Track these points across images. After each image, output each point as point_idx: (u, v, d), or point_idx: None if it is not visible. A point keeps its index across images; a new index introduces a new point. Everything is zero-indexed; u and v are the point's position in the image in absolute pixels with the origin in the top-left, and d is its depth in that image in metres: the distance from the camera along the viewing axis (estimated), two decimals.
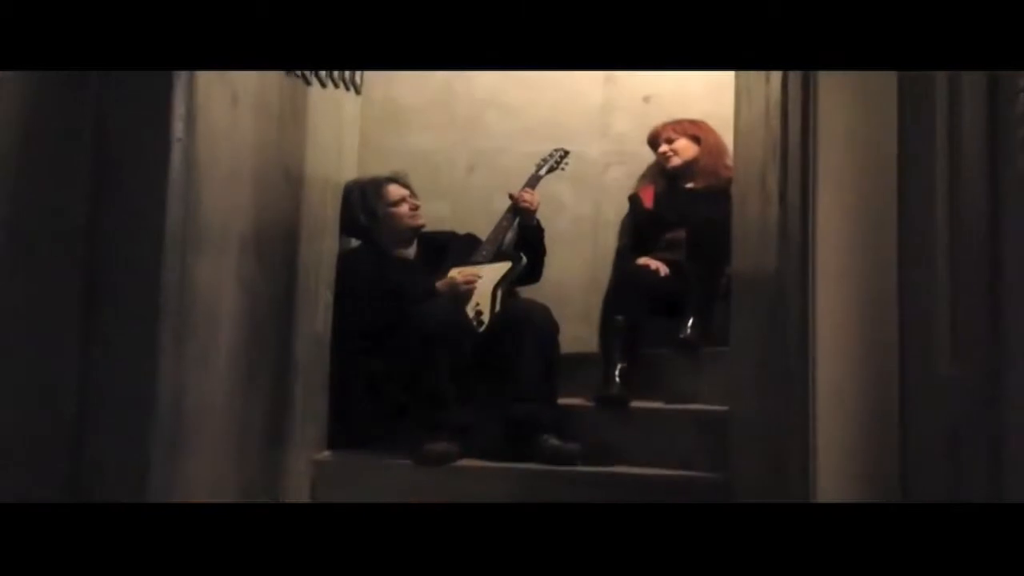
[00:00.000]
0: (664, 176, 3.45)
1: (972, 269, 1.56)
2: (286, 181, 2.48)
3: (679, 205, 3.31)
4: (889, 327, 1.74)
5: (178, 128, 1.75)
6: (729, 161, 3.31)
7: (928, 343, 1.63)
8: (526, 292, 3.29)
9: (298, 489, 2.70)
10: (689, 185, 3.41)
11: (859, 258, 1.77)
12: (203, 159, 1.85)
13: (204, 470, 1.95)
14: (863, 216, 1.78)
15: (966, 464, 1.55)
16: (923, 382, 1.66)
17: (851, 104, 1.80)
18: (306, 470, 2.77)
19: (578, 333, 3.40)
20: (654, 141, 3.45)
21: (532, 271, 3.26)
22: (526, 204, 3.23)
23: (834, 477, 1.75)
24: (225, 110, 1.98)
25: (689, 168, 3.39)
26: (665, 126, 3.43)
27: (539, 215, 3.27)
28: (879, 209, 1.77)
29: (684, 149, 3.39)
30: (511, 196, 3.25)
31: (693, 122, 3.41)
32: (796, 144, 1.88)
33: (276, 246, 2.40)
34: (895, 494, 1.71)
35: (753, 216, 2.31)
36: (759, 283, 2.23)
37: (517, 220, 3.26)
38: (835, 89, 1.82)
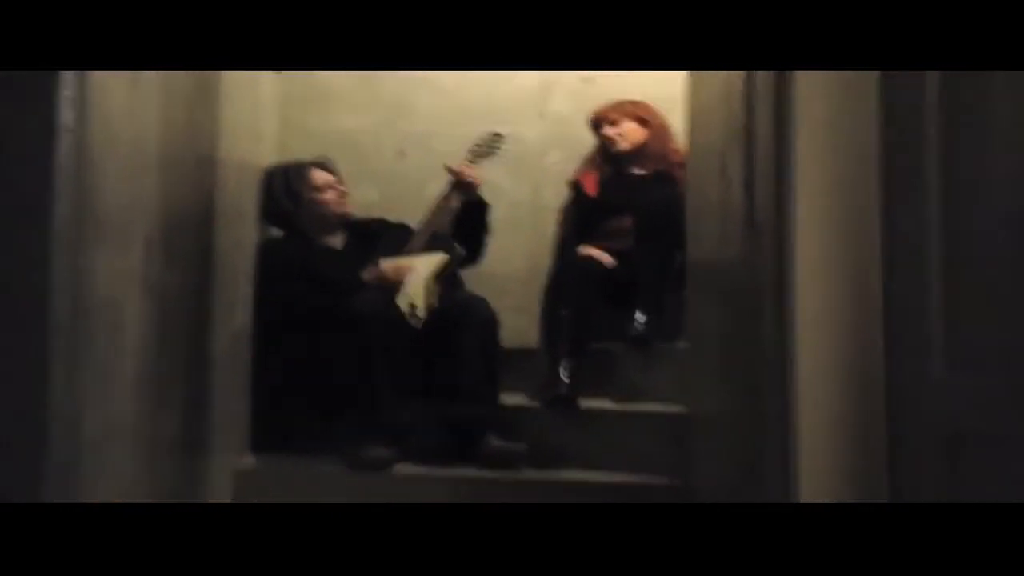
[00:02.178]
0: (608, 161, 3.27)
1: (965, 265, 1.44)
2: (197, 167, 2.25)
3: (625, 191, 3.14)
4: (874, 324, 1.60)
5: (67, 115, 1.50)
6: (676, 145, 3.16)
7: (919, 343, 1.50)
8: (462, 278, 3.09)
9: (219, 501, 2.47)
10: (636, 170, 3.23)
11: (840, 251, 1.63)
12: (98, 148, 1.61)
13: (108, 494, 1.71)
14: (845, 207, 1.63)
15: (961, 472, 1.43)
16: (914, 384, 1.52)
17: (830, 84, 1.65)
18: (227, 480, 2.54)
19: (516, 325, 3.22)
20: (597, 123, 3.26)
21: (473, 253, 3.03)
22: (470, 178, 2.96)
23: (816, 482, 1.61)
24: (124, 92, 1.73)
25: (637, 152, 3.21)
26: (609, 108, 3.25)
27: None
28: (862, 199, 1.63)
29: (631, 132, 3.20)
30: (450, 170, 2.97)
31: (637, 103, 3.23)
32: (767, 127, 1.73)
33: (188, 237, 2.17)
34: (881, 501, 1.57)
35: (711, 203, 2.16)
36: (719, 274, 2.08)
37: (459, 197, 3.00)
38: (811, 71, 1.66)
